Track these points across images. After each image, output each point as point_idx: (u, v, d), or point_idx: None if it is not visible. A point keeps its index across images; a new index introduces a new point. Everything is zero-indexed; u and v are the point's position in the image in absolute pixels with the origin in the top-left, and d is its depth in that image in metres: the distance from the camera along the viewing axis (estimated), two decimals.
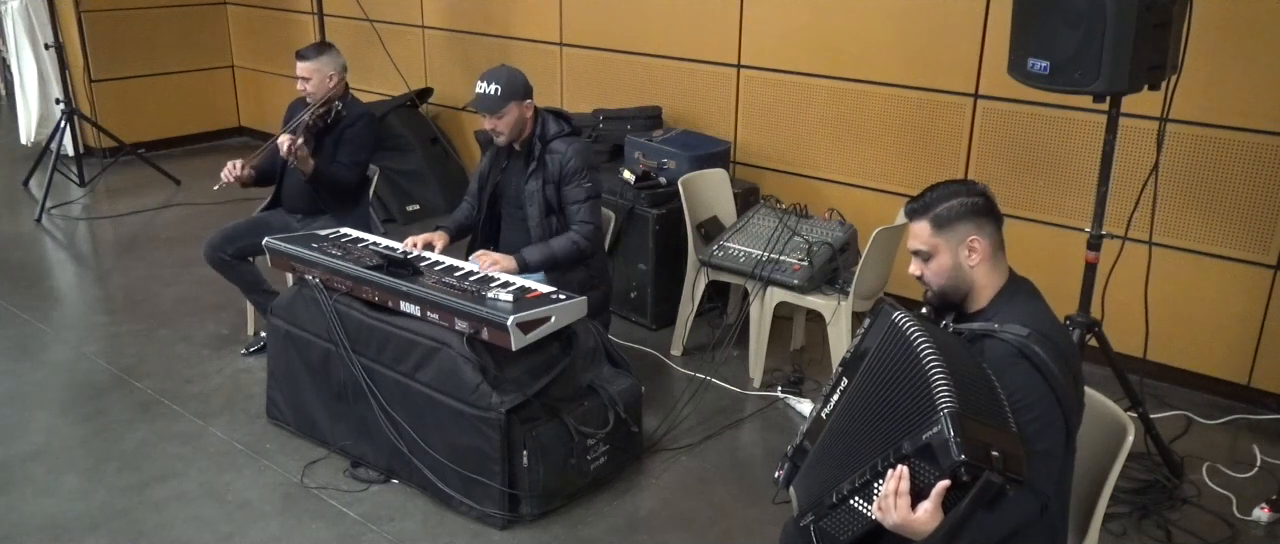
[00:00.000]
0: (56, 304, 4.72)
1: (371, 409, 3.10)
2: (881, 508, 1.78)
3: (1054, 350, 1.90)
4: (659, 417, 3.55)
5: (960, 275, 2.03)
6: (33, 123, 6.72)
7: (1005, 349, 1.91)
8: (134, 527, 2.98)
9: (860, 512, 1.86)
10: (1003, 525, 1.86)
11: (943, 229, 2.02)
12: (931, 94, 4.14)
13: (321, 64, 3.96)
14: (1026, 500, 1.86)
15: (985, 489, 1.68)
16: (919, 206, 2.06)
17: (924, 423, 1.73)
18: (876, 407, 1.90)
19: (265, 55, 7.21)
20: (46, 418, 3.62)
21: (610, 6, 5.09)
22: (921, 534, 1.74)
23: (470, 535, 2.96)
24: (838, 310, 3.62)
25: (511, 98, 3.33)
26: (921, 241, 2.05)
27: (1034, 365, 1.87)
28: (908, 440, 1.75)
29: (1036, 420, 1.87)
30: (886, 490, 1.76)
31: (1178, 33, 2.83)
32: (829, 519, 1.93)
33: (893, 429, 1.81)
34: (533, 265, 3.31)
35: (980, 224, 2.02)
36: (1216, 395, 3.79)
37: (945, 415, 1.69)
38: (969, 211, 2.02)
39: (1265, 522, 3.04)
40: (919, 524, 1.73)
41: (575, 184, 3.41)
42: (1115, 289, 3.32)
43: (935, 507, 1.72)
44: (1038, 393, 1.87)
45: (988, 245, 2.02)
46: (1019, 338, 1.90)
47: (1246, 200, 3.56)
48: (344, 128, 4.01)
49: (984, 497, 1.69)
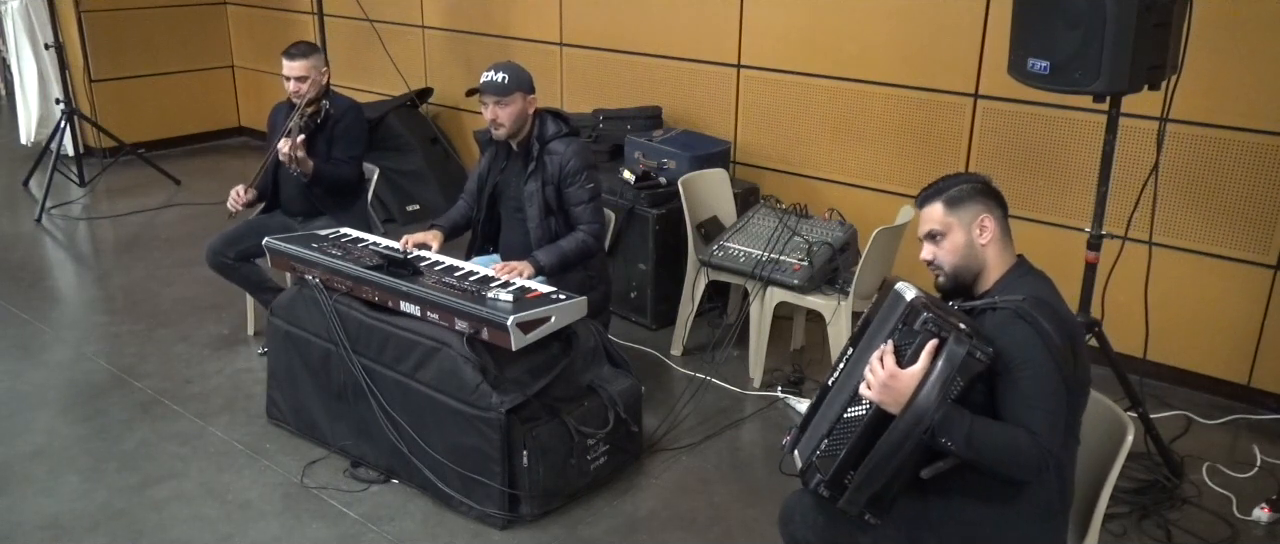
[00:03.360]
0: (56, 304, 4.73)
1: (371, 409, 3.10)
2: (869, 377, 1.94)
3: (1052, 316, 1.95)
4: (659, 417, 3.55)
5: (972, 253, 2.10)
6: (33, 123, 6.73)
7: (1003, 314, 1.98)
8: (134, 527, 2.98)
9: (854, 417, 1.99)
10: (999, 441, 1.89)
11: (955, 208, 2.11)
12: (931, 94, 4.14)
13: (315, 62, 3.97)
14: (1024, 439, 1.89)
15: (957, 344, 1.85)
16: (931, 192, 2.16)
17: (899, 316, 1.95)
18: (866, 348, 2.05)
19: (265, 55, 7.21)
20: (46, 418, 3.62)
21: (610, 6, 5.09)
22: (908, 390, 1.88)
23: (470, 535, 2.96)
24: (838, 310, 3.62)
25: (518, 88, 3.35)
26: (935, 222, 2.12)
27: (1028, 324, 1.93)
28: (884, 336, 1.97)
29: (1032, 378, 1.92)
30: (872, 361, 1.94)
31: (1178, 33, 2.83)
32: (826, 445, 2.03)
33: (877, 344, 1.99)
34: (547, 268, 3.30)
35: (989, 205, 2.12)
36: (1216, 395, 3.79)
37: (911, 300, 1.96)
38: (977, 193, 2.12)
39: (1265, 522, 3.04)
40: (905, 378, 1.89)
41: (577, 185, 3.41)
42: (1115, 289, 3.32)
43: (922, 366, 1.88)
44: (1032, 349, 1.92)
45: (996, 226, 2.10)
46: (1015, 301, 1.97)
47: (1246, 200, 3.56)
48: (334, 124, 4.01)
49: (956, 357, 1.85)
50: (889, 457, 1.89)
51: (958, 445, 1.87)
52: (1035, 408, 1.91)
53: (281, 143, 3.76)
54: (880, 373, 1.91)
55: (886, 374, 1.90)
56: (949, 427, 1.86)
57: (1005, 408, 1.94)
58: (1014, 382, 1.92)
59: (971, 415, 1.89)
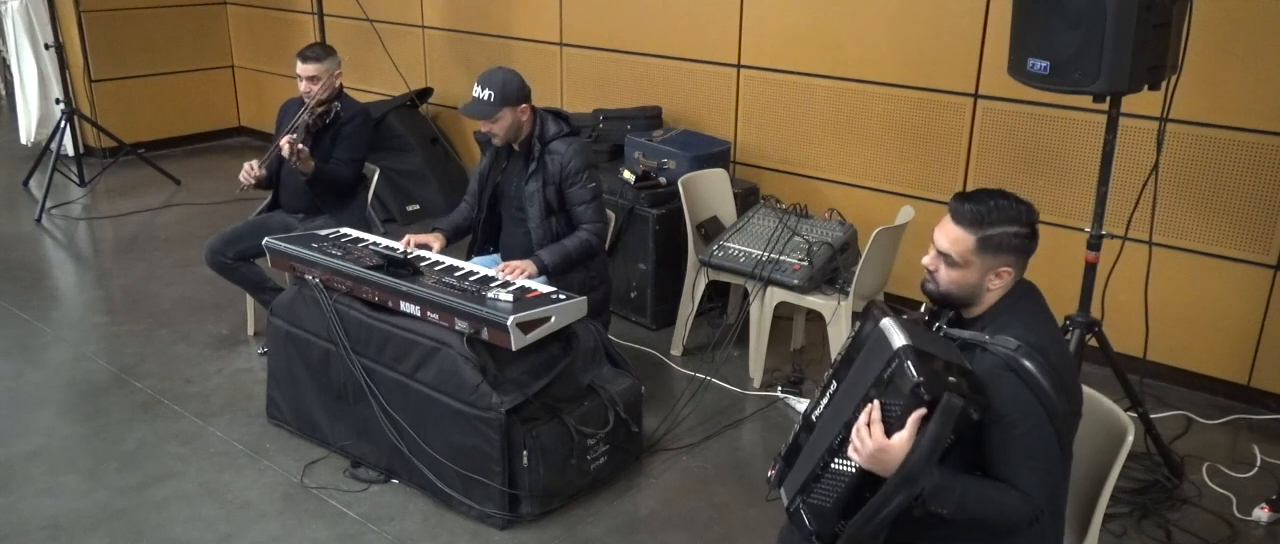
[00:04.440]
0: (56, 304, 4.72)
1: (371, 409, 3.10)
2: (857, 443, 1.84)
3: (1045, 364, 1.88)
4: (659, 417, 3.55)
5: (974, 293, 2.02)
6: (33, 123, 6.72)
7: (994, 361, 1.90)
8: (134, 527, 2.98)
9: (841, 470, 1.93)
10: (989, 504, 1.87)
11: (985, 252, 1.97)
12: (931, 94, 4.14)
13: (329, 65, 4.00)
14: (1015, 500, 1.86)
15: (948, 410, 1.76)
16: (972, 217, 1.98)
17: (885, 366, 1.84)
18: (852, 388, 1.98)
19: (265, 55, 7.21)
20: (46, 418, 3.62)
21: (610, 6, 5.09)
22: (896, 460, 1.79)
23: (470, 535, 2.96)
24: (838, 310, 3.62)
25: (505, 104, 3.32)
26: (957, 252, 1.98)
27: (1021, 378, 1.86)
28: (873, 387, 1.86)
29: (1025, 436, 1.86)
30: (858, 424, 1.84)
31: (1178, 33, 2.83)
32: (814, 492, 1.98)
33: (864, 393, 1.89)
34: (551, 267, 3.30)
35: (1019, 261, 2.00)
36: (1216, 395, 3.79)
37: (899, 349, 1.83)
38: (1016, 246, 1.98)
39: (1265, 522, 3.04)
40: (894, 450, 1.80)
41: (579, 185, 3.41)
42: (1115, 289, 3.32)
43: (910, 433, 1.78)
44: (1025, 408, 1.86)
45: (1014, 276, 2.01)
46: (1007, 350, 1.89)
47: (1246, 200, 3.56)
48: (341, 125, 4.03)
49: (949, 418, 1.77)
50: (878, 510, 1.83)
51: (949, 512, 1.83)
52: (1026, 468, 1.86)
53: (284, 140, 3.77)
54: (868, 444, 1.81)
55: (874, 445, 1.80)
56: (940, 497, 1.81)
57: (994, 461, 1.89)
58: (1005, 438, 1.86)
59: (962, 481, 1.84)
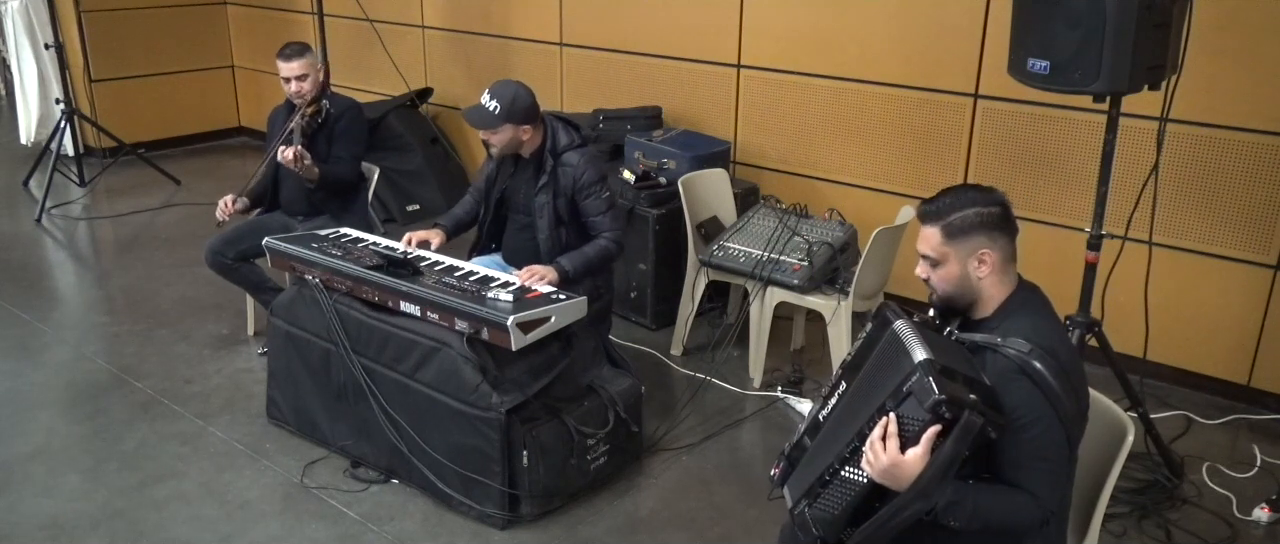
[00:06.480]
0: (56, 304, 4.72)
1: (371, 409, 3.10)
2: (870, 457, 1.82)
3: (1056, 366, 1.88)
4: (659, 417, 3.55)
5: (966, 285, 2.01)
6: (33, 123, 6.72)
7: (1006, 364, 1.89)
8: (134, 527, 2.98)
9: (852, 479, 1.90)
10: (1001, 512, 1.86)
11: (954, 239, 1.98)
12: (931, 94, 4.14)
13: (311, 59, 3.96)
14: (1026, 504, 1.86)
15: (968, 428, 1.74)
16: (933, 211, 2.00)
17: (904, 378, 1.80)
18: (865, 393, 1.95)
19: (265, 55, 7.18)
20: (46, 418, 3.62)
21: (610, 6, 5.09)
22: (910, 476, 1.77)
23: (470, 535, 2.96)
24: (838, 310, 3.62)
25: (509, 120, 3.27)
26: (931, 248, 2.01)
27: (1034, 382, 1.86)
28: (890, 399, 1.82)
29: (1037, 439, 1.86)
30: (873, 437, 1.81)
31: (1178, 33, 2.83)
32: (822, 498, 1.96)
33: (878, 401, 1.86)
34: (572, 273, 3.28)
35: (993, 237, 1.98)
36: (1216, 395, 3.79)
37: (921, 363, 1.78)
38: (983, 223, 1.97)
39: (1265, 522, 3.04)
40: (908, 466, 1.77)
41: (594, 196, 3.37)
42: (1115, 289, 3.32)
43: (924, 450, 1.76)
44: (1037, 411, 1.86)
45: (998, 258, 1.98)
46: (1020, 354, 1.88)
47: (1246, 200, 3.56)
48: (334, 122, 4.00)
49: (967, 436, 1.74)
50: (888, 521, 1.82)
51: (961, 524, 1.82)
52: (1037, 470, 1.86)
53: (286, 150, 3.75)
54: (882, 459, 1.78)
55: (889, 461, 1.77)
56: (954, 511, 1.81)
57: (1005, 464, 1.89)
58: (1017, 442, 1.85)
59: (974, 492, 1.83)
